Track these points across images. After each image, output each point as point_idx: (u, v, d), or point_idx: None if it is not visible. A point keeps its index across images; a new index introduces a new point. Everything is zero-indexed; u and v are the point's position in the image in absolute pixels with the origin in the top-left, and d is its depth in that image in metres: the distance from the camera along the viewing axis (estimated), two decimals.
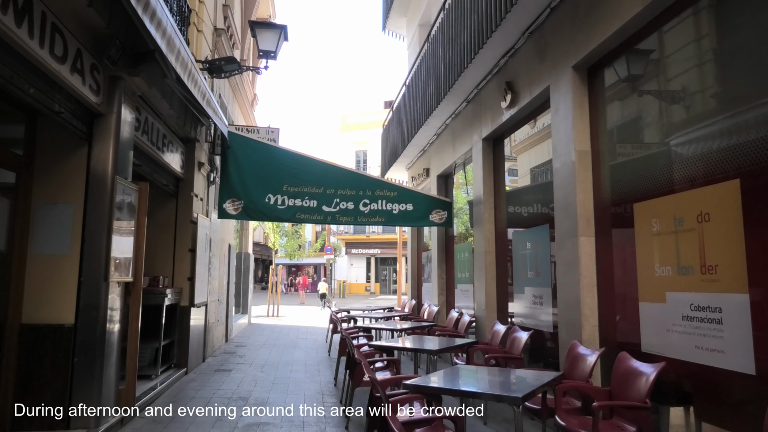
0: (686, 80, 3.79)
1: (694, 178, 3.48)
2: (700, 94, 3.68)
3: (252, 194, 8.26)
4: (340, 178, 8.64)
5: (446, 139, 9.35)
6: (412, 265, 12.58)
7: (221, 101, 9.83)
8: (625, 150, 4.45)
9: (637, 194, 4.03)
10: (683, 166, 3.61)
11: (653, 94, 4.09)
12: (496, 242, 7.24)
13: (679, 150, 3.70)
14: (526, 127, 6.87)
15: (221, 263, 10.46)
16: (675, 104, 3.89)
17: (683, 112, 3.81)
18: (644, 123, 4.23)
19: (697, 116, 3.65)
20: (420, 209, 8.68)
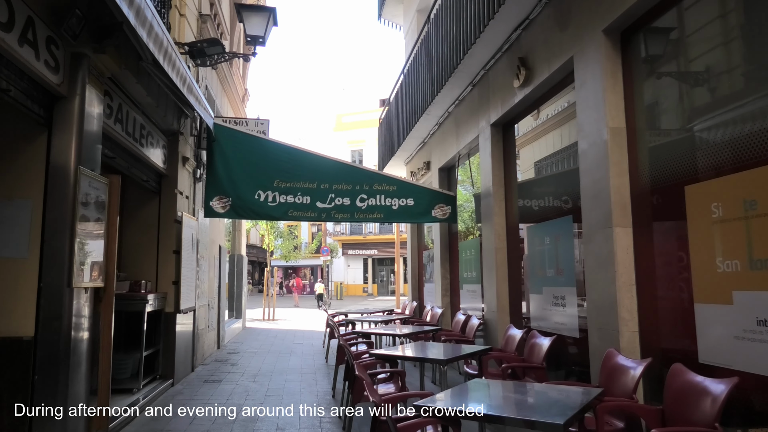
0: (752, 35, 3.20)
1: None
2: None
3: (240, 191, 7.65)
4: (335, 171, 8.04)
5: (449, 128, 8.76)
6: (412, 265, 11.98)
7: (208, 94, 9.21)
8: (670, 124, 3.86)
9: (688, 175, 3.44)
10: (754, 138, 3.01)
11: (706, 56, 3.50)
12: (508, 238, 6.64)
13: (748, 118, 3.11)
14: (529, 119, 6.30)
15: (211, 266, 9.83)
16: (735, 67, 3.30)
17: (756, 71, 3.21)
18: (696, 92, 3.64)
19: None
20: (421, 204, 8.09)
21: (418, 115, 9.02)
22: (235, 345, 11.33)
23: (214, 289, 10.13)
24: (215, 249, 10.30)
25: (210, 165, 7.69)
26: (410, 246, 12.09)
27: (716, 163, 3.24)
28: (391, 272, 43.33)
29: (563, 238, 5.21)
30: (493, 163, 6.78)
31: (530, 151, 6.51)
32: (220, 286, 10.74)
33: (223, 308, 11.07)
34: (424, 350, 5.47)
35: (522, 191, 6.60)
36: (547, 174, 6.19)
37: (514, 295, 6.52)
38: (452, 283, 9.23)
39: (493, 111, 6.75)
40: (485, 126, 7.00)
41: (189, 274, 7.67)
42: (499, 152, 6.81)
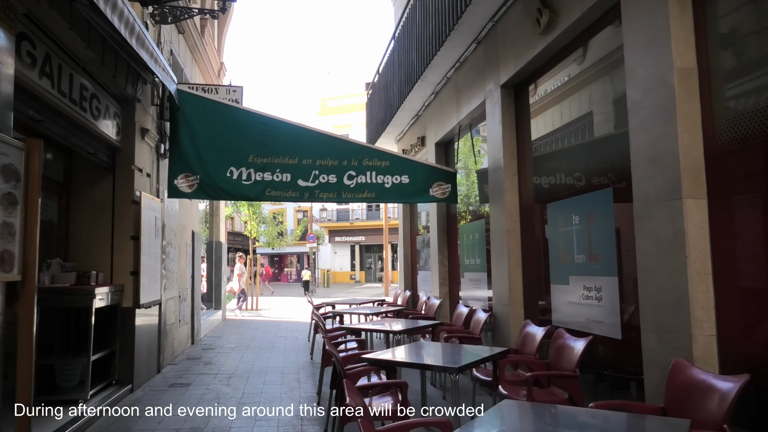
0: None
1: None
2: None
3: (209, 167, 6.63)
4: (320, 145, 7.04)
5: (448, 96, 7.76)
6: (404, 252, 11.04)
7: (174, 60, 8.10)
8: (759, 64, 2.92)
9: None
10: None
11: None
12: (522, 218, 5.71)
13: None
14: (550, 76, 5.33)
15: (182, 253, 8.79)
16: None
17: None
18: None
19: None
20: (418, 182, 7.13)
21: (412, 82, 8.02)
22: (211, 340, 10.34)
23: (186, 279, 9.11)
24: (187, 235, 9.26)
25: (174, 138, 6.64)
26: (402, 231, 11.14)
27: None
28: (378, 259, 42.49)
29: (600, 216, 4.28)
30: (504, 132, 5.81)
31: (549, 116, 5.55)
32: (194, 276, 9.72)
33: (197, 300, 10.06)
34: (425, 351, 4.55)
35: (539, 164, 5.65)
36: (572, 143, 5.24)
37: (530, 286, 5.61)
38: (451, 270, 8.31)
39: (503, 70, 5.77)
40: (493, 89, 6.03)
41: (152, 262, 6.64)
42: (510, 119, 5.85)
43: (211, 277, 13.26)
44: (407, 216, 11.08)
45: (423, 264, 9.94)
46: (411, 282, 10.84)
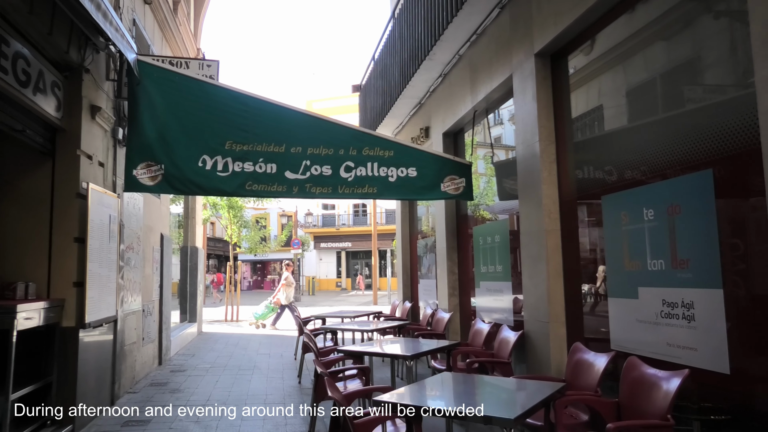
0: None
1: None
2: None
3: (177, 155, 5.45)
4: (311, 130, 5.91)
5: (460, 77, 6.68)
6: (403, 258, 9.90)
7: (137, 32, 6.89)
8: None
9: None
10: None
11: None
12: (563, 215, 4.62)
13: None
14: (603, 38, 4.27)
15: (147, 260, 7.55)
16: None
17: None
18: None
19: None
20: (427, 175, 6.03)
21: (418, 62, 6.92)
22: (183, 359, 9.07)
23: (152, 289, 7.86)
24: (154, 238, 8.02)
25: (133, 119, 5.44)
26: (400, 234, 10.00)
27: None
28: (365, 265, 41.31)
29: (691, 207, 3.20)
30: (539, 110, 4.73)
31: (597, 88, 4.49)
32: (163, 286, 8.46)
33: (167, 313, 8.80)
34: (464, 393, 3.42)
35: (584, 149, 4.58)
36: (634, 119, 4.17)
37: (575, 299, 4.51)
38: (462, 279, 7.20)
39: (539, 35, 4.70)
40: (524, 60, 4.95)
41: (103, 271, 5.42)
42: (546, 94, 4.77)
43: (185, 286, 11.96)
44: (406, 218, 9.95)
45: (425, 272, 8.82)
46: (411, 292, 9.71)
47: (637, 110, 4.01)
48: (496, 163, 6.31)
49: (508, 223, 5.69)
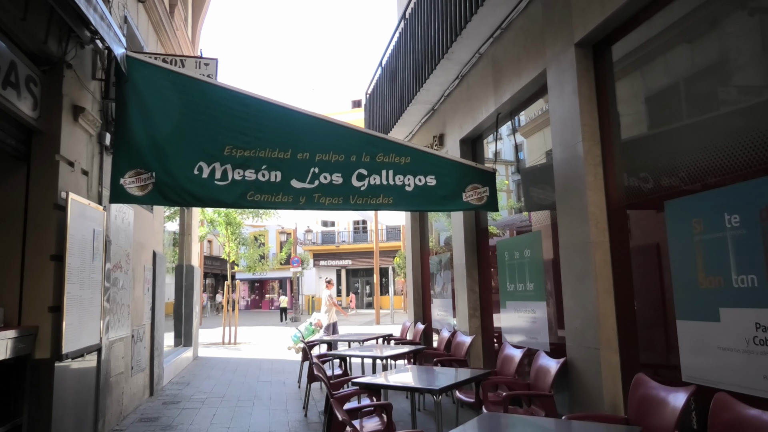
0: None
1: None
2: None
3: (170, 162, 4.87)
4: (320, 134, 5.36)
5: (480, 77, 6.13)
6: (414, 276, 9.26)
7: (129, 30, 6.35)
8: None
9: None
10: None
11: None
12: (612, 225, 4.02)
13: None
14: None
15: (137, 280, 6.91)
16: None
17: None
18: None
19: None
20: (448, 184, 5.46)
21: (434, 63, 6.38)
22: (177, 388, 8.36)
23: (143, 312, 7.20)
24: (146, 256, 7.38)
25: (121, 121, 4.88)
26: (411, 250, 9.37)
27: None
28: (366, 284, 40.55)
29: None
30: (581, 107, 4.16)
31: (652, 77, 3.92)
32: (155, 308, 7.80)
33: (159, 338, 8.12)
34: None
35: (635, 149, 4.00)
36: (699, 113, 3.60)
37: (629, 321, 3.89)
38: (484, 298, 6.56)
39: (579, 24, 4.15)
40: (561, 51, 4.40)
41: (85, 293, 4.78)
42: (589, 88, 4.20)
43: (180, 307, 11.28)
44: (417, 232, 9.34)
45: (440, 290, 8.18)
46: (423, 312, 9.05)
47: (707, 100, 3.44)
48: (523, 170, 5.72)
49: (540, 235, 5.08)
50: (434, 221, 8.96)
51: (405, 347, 6.83)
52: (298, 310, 29.13)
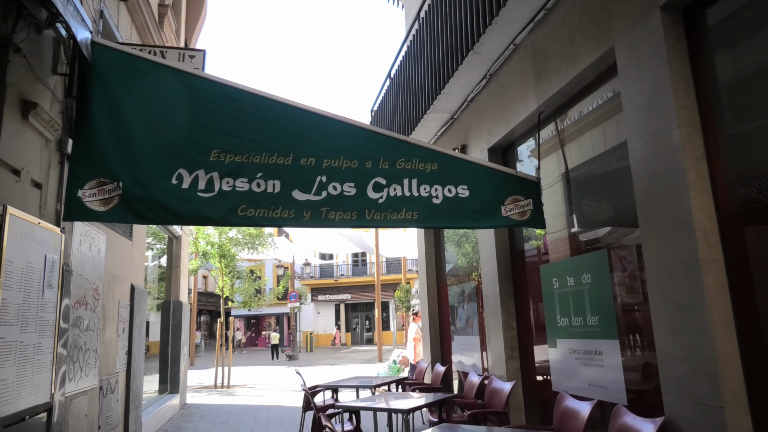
0: None
1: None
2: None
3: (142, 169, 3.91)
4: (328, 136, 4.43)
5: (516, 72, 5.21)
6: (430, 308, 8.17)
7: (106, 26, 5.44)
8: None
9: None
10: None
11: None
12: (724, 237, 3.01)
13: None
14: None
15: (109, 319, 5.82)
16: None
17: None
18: None
19: None
20: (483, 195, 4.50)
21: (458, 60, 5.49)
22: None
23: (115, 357, 6.07)
24: (121, 291, 6.30)
25: (82, 118, 3.92)
26: (426, 280, 8.29)
27: None
28: (365, 318, 39.15)
29: None
30: (674, 86, 3.20)
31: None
32: (132, 352, 6.66)
33: (138, 386, 6.94)
34: None
35: (754, 138, 3.03)
36: None
37: (761, 368, 2.83)
38: (524, 335, 5.47)
39: None
40: (639, 21, 3.47)
41: (29, 337, 3.70)
42: (682, 62, 3.26)
43: (166, 348, 10.09)
44: (432, 260, 8.28)
45: (462, 326, 7.08)
46: (441, 351, 7.92)
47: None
48: (572, 176, 4.73)
49: (607, 256, 4.06)
50: (451, 243, 7.93)
51: (427, 396, 5.70)
52: (296, 347, 27.67)
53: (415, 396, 5.75)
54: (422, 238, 8.43)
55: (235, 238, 15.73)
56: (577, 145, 4.69)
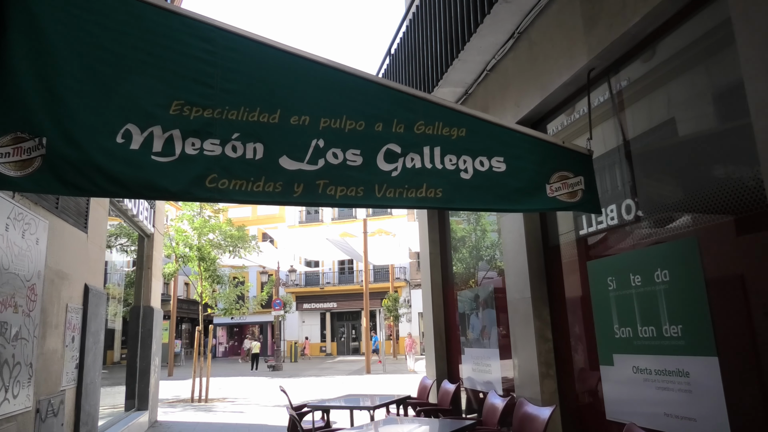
0: None
1: None
2: None
3: (75, 122, 2.86)
4: (327, 89, 3.44)
5: (556, 25, 4.26)
6: (435, 316, 7.15)
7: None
8: None
9: None
10: None
11: None
12: None
13: None
14: None
15: (51, 325, 4.72)
16: None
17: None
18: None
19: None
20: (524, 170, 3.57)
21: (482, 13, 4.54)
22: None
23: (60, 372, 4.96)
24: (70, 292, 5.19)
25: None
26: (430, 283, 7.28)
27: None
28: (352, 328, 37.97)
29: None
30: None
31: None
32: (85, 366, 5.53)
33: (92, 406, 5.82)
34: None
35: None
36: None
37: None
38: (562, 348, 4.48)
39: None
40: None
41: None
42: None
43: (134, 360, 8.94)
44: (436, 260, 7.27)
45: (476, 337, 6.08)
46: (448, 366, 6.90)
47: None
48: (637, 151, 3.77)
49: (695, 245, 3.09)
50: (462, 239, 6.95)
51: (442, 425, 4.67)
52: (279, 357, 26.40)
53: (427, 424, 4.72)
54: (425, 236, 7.43)
55: (216, 241, 14.60)
56: (645, 105, 3.74)
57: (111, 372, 8.61)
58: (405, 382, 16.51)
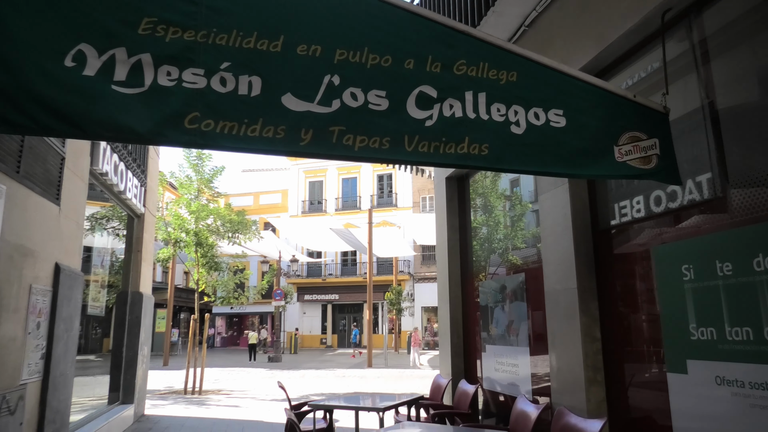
0: None
1: None
2: None
3: (9, 40, 2.13)
4: (344, 15, 2.70)
5: None
6: (452, 309, 6.43)
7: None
8: None
9: None
10: None
11: None
12: None
13: None
14: None
15: (12, 310, 4.02)
16: None
17: None
18: None
19: None
20: (588, 127, 2.85)
21: None
22: None
23: (20, 363, 4.25)
24: (35, 271, 4.48)
25: None
26: (447, 273, 6.54)
27: None
28: (353, 320, 37.31)
29: None
30: None
31: None
32: (53, 356, 4.83)
33: (61, 402, 5.12)
34: None
35: None
36: None
37: None
38: (613, 350, 3.76)
39: None
40: None
41: None
42: None
43: (120, 349, 8.25)
44: (455, 247, 6.54)
45: (501, 333, 5.36)
46: (465, 365, 6.19)
47: None
48: (728, 108, 3.03)
49: None
50: (484, 221, 6.22)
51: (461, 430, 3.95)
52: (279, 348, 25.74)
53: (437, 427, 4.01)
54: (443, 220, 6.70)
55: (214, 225, 13.87)
56: (737, 56, 2.99)
57: (105, 361, 7.94)
58: (410, 379, 15.84)
